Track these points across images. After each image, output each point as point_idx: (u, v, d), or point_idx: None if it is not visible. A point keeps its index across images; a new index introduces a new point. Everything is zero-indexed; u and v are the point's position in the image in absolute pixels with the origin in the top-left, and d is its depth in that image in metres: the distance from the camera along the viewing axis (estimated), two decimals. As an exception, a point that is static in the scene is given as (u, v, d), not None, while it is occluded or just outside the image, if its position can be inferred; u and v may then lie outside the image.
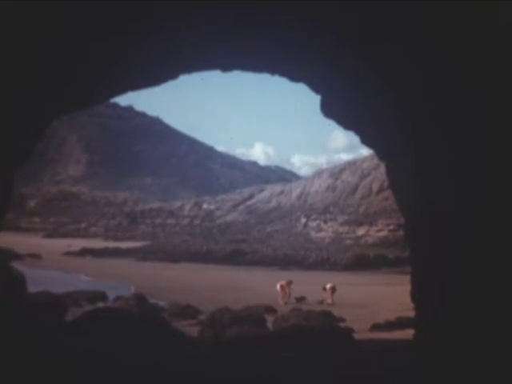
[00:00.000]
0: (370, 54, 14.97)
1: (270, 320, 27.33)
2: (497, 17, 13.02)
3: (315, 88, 18.68)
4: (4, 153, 14.97)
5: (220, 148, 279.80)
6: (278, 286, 39.80)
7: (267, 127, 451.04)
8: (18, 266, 28.78)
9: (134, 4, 13.58)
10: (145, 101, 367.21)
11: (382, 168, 22.06)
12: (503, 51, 13.15)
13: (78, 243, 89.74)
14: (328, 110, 18.84)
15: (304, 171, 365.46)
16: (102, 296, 38.02)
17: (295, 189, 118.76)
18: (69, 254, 78.67)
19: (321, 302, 37.69)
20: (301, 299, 38.71)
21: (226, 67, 18.35)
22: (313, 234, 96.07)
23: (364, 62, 15.37)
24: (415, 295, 17.25)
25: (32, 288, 24.67)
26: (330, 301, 37.99)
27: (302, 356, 18.85)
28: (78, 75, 15.44)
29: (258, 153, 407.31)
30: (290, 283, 40.39)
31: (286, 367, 17.28)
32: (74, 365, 15.77)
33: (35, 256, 70.09)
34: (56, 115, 17.66)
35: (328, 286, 39.39)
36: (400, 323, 26.69)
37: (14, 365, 15.01)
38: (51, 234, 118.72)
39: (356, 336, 23.30)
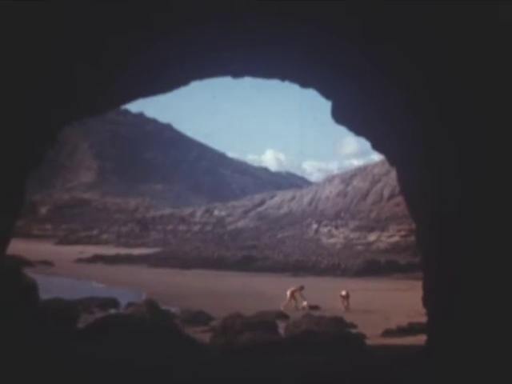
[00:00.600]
0: (376, 56, 14.97)
1: (281, 326, 27.29)
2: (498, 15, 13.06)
3: (326, 94, 18.69)
4: (15, 159, 15.01)
5: (231, 154, 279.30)
6: (289, 292, 39.37)
7: (278, 133, 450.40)
8: (29, 273, 28.84)
9: (145, 10, 13.60)
10: (156, 107, 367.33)
11: (393, 174, 22.01)
12: (506, 49, 13.15)
13: (90, 250, 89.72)
14: (339, 115, 18.85)
15: (315, 177, 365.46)
16: (113, 302, 38.00)
17: (306, 195, 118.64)
18: (80, 260, 78.67)
19: (346, 309, 37.19)
20: (314, 307, 37.83)
21: (236, 73, 18.38)
22: (324, 239, 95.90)
23: (372, 65, 15.36)
24: (427, 301, 17.20)
25: (44, 295, 24.71)
26: (344, 307, 37.63)
27: (314, 362, 18.82)
28: (88, 81, 15.47)
29: (269, 159, 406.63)
30: (301, 289, 39.97)
31: (298, 373, 17.26)
32: (85, 372, 15.78)
33: (47, 263, 70.11)
34: (67, 121, 17.71)
35: (343, 292, 38.95)
36: (412, 329, 26.59)
37: (26, 372, 15.03)
38: (63, 241, 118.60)
39: (368, 342, 23.25)
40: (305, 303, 38.24)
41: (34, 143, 15.68)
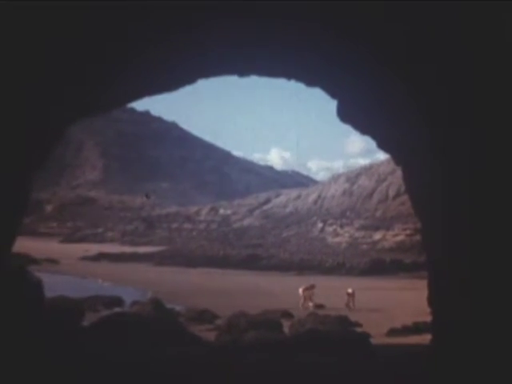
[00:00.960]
0: (382, 55, 14.95)
1: (286, 325, 27.31)
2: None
3: (331, 93, 18.66)
4: (21, 157, 15.04)
5: (237, 153, 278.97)
6: (301, 291, 39.51)
7: (284, 132, 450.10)
8: (35, 270, 28.90)
9: (151, 8, 13.61)
10: (161, 106, 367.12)
11: (399, 173, 21.99)
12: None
13: (95, 248, 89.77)
14: (344, 114, 18.82)
15: (321, 176, 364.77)
16: (118, 301, 38.10)
17: (311, 193, 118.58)
18: (86, 258, 78.72)
19: (352, 307, 37.24)
20: (319, 306, 37.87)
21: (242, 72, 18.35)
22: (329, 238, 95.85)
23: (377, 64, 15.34)
24: (432, 300, 17.19)
25: (49, 293, 24.74)
26: (348, 305, 37.67)
27: (319, 361, 18.82)
28: (93, 79, 15.48)
29: (275, 158, 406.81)
30: (312, 288, 40.08)
31: (303, 372, 17.26)
32: (90, 370, 15.81)
33: (52, 261, 70.26)
34: (72, 120, 17.71)
35: (349, 290, 39.05)
36: (417, 328, 26.62)
37: (31, 369, 15.06)
38: (68, 239, 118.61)
39: (373, 341, 23.25)
40: (311, 304, 38.29)
41: (38, 142, 15.69)
